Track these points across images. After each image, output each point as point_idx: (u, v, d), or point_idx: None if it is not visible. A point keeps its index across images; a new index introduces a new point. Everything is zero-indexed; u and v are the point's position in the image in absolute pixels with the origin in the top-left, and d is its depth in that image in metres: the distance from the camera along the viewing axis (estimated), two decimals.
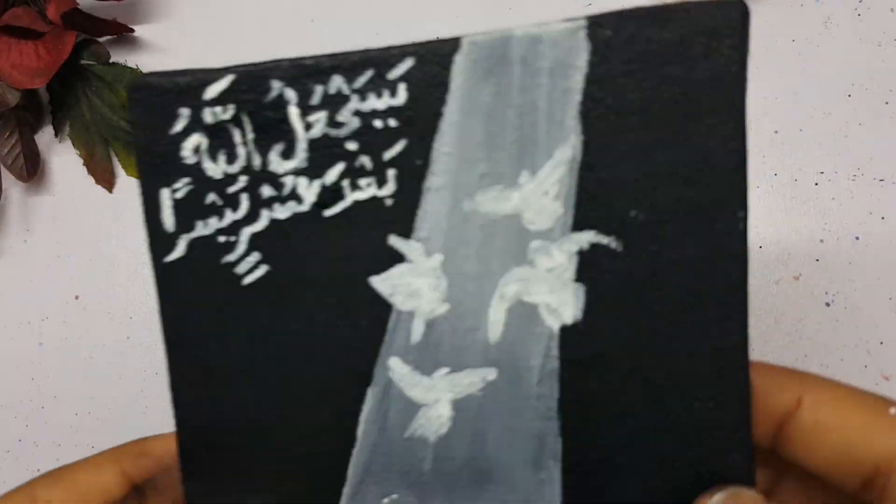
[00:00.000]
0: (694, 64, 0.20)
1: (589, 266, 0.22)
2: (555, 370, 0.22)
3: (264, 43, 0.37)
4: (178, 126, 0.23)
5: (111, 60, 0.37)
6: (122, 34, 0.37)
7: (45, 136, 0.38)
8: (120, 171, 0.38)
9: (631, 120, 0.21)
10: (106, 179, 0.37)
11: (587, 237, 0.22)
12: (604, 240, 0.22)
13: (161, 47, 0.38)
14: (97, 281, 0.37)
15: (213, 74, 0.23)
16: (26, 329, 0.38)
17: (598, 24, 0.21)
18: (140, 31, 0.38)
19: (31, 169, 0.37)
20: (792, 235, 0.36)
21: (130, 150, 0.37)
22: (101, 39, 0.37)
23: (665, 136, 0.21)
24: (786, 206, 0.37)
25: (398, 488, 0.24)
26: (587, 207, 0.21)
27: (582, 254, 0.22)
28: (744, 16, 0.20)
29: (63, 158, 0.38)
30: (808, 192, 0.36)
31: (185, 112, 0.23)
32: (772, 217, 0.37)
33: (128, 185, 0.39)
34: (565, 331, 0.22)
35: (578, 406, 0.22)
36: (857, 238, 0.35)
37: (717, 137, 0.21)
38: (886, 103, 0.37)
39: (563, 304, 0.22)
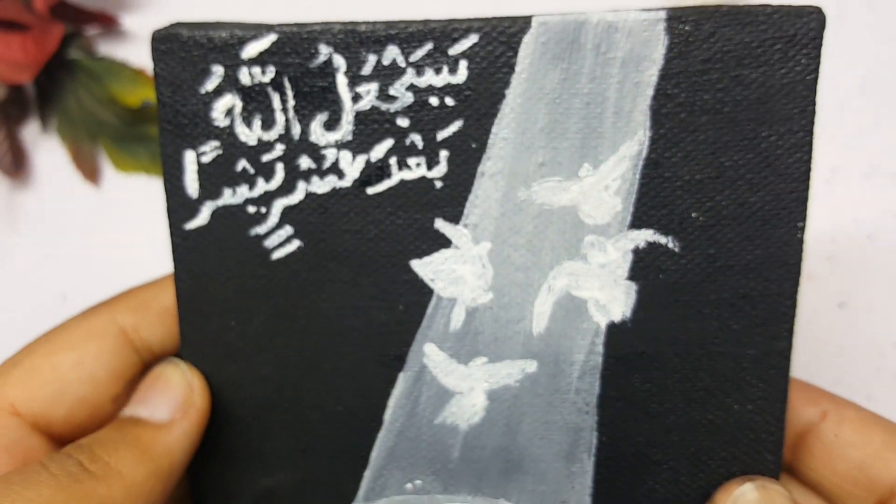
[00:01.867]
0: (770, 69, 0.20)
1: (643, 265, 0.21)
2: (597, 366, 0.22)
3: None
4: (210, 85, 0.22)
5: (98, 54, 0.36)
6: (109, 26, 0.36)
7: (31, 131, 0.37)
8: (107, 167, 0.37)
9: (702, 119, 0.20)
10: (93, 175, 0.37)
11: (645, 235, 0.21)
12: (662, 239, 0.21)
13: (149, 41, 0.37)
14: (84, 278, 0.36)
15: (253, 32, 0.21)
16: (13, 327, 0.36)
17: (677, 18, 0.20)
18: (127, 23, 0.37)
19: (17, 164, 0.36)
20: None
21: (119, 144, 0.36)
22: (89, 33, 0.37)
23: (734, 139, 0.20)
24: None
25: (423, 474, 0.23)
26: (648, 205, 0.21)
27: (637, 252, 0.21)
28: (822, 25, 0.20)
29: (50, 153, 0.37)
30: (821, 190, 0.35)
31: (218, 70, 0.21)
32: None
33: (115, 181, 0.38)
34: (612, 328, 0.22)
35: (618, 403, 0.22)
36: (871, 237, 0.35)
37: (786, 145, 0.20)
38: None
39: (613, 300, 0.22)
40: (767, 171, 0.20)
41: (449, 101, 0.21)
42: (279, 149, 0.22)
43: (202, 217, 0.22)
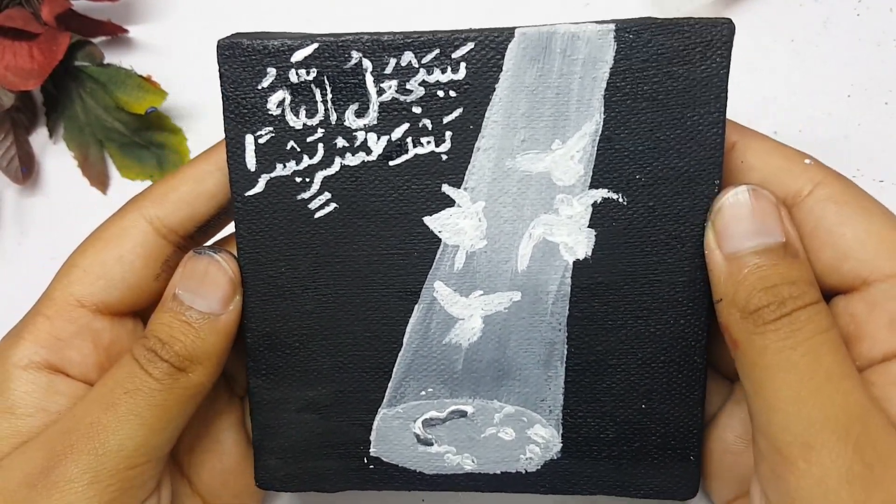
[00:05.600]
0: (693, 66, 0.27)
1: (600, 215, 0.28)
2: (566, 294, 0.29)
3: None
4: (266, 82, 0.28)
5: (105, 62, 0.37)
6: (117, 35, 0.37)
7: (39, 138, 0.38)
8: (114, 173, 0.38)
9: (642, 104, 0.27)
10: (100, 181, 0.38)
11: (601, 193, 0.28)
12: (614, 196, 0.28)
13: (155, 48, 0.38)
14: None
15: (300, 41, 0.27)
16: None
17: (624, 29, 0.26)
18: (134, 31, 0.38)
19: (26, 171, 0.37)
20: None
21: (124, 151, 0.38)
22: (96, 41, 0.37)
23: (666, 119, 0.27)
24: None
25: (434, 384, 0.30)
26: (602, 170, 0.28)
27: (595, 206, 0.28)
28: (731, 32, 0.26)
29: (57, 160, 0.38)
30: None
31: (272, 71, 0.28)
32: None
33: (122, 187, 0.39)
34: (577, 264, 0.29)
35: (583, 321, 0.29)
36: None
37: (705, 123, 0.27)
38: (886, 104, 0.36)
39: (578, 243, 0.28)
40: (691, 143, 0.27)
41: (452, 94, 0.27)
42: (320, 132, 0.28)
43: (259, 186, 0.29)
